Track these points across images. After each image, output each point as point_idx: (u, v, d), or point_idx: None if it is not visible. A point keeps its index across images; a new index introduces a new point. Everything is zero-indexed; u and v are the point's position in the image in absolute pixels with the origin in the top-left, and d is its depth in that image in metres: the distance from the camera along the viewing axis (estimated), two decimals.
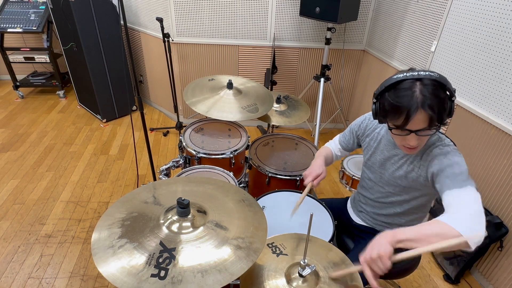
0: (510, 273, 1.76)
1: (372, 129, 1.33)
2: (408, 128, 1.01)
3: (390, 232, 0.92)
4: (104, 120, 3.52)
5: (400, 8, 2.59)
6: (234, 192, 1.11)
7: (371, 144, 1.32)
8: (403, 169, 1.20)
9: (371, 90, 3.12)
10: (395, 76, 1.02)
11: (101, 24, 3.10)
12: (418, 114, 0.97)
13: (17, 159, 2.84)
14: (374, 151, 1.31)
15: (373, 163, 1.32)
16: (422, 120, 0.98)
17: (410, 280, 1.96)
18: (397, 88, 1.01)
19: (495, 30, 1.75)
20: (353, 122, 1.43)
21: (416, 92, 0.97)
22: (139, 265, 0.80)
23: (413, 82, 0.98)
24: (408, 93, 0.98)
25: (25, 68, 4.32)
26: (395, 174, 1.24)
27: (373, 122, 1.33)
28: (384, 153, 1.27)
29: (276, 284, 0.93)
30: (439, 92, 0.97)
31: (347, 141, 1.46)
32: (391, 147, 1.24)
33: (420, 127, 1.00)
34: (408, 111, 0.97)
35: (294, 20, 3.00)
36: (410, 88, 0.98)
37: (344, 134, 1.48)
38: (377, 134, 1.30)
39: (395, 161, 1.23)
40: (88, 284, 1.83)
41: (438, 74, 0.98)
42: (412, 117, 0.97)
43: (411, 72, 1.00)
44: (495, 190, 1.82)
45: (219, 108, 1.81)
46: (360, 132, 1.38)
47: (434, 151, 1.10)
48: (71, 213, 2.31)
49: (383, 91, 1.04)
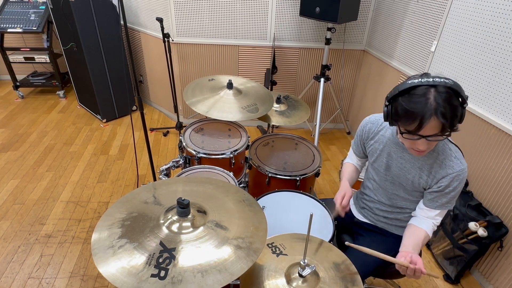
0: (510, 273, 1.76)
1: (376, 132, 1.32)
2: (420, 134, 1.01)
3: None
4: (104, 120, 3.52)
5: (400, 8, 2.59)
6: (234, 192, 1.11)
7: (376, 146, 1.31)
8: (411, 173, 1.21)
9: (371, 90, 3.12)
10: (409, 81, 1.02)
11: (101, 24, 3.10)
12: (431, 121, 0.97)
13: (17, 159, 2.84)
14: (380, 153, 1.30)
15: (379, 165, 1.32)
16: (434, 127, 0.99)
17: (410, 280, 1.96)
18: (411, 94, 1.00)
19: (495, 30, 1.75)
20: (358, 128, 1.41)
21: (430, 99, 0.97)
22: (139, 265, 0.80)
23: (428, 88, 0.98)
24: (422, 99, 0.97)
25: (25, 68, 4.32)
26: (401, 178, 1.25)
27: (376, 124, 1.32)
28: (390, 155, 1.27)
29: (276, 284, 0.93)
30: (452, 99, 0.97)
31: (358, 148, 1.44)
32: (397, 150, 1.24)
33: (431, 133, 1.00)
34: (422, 118, 0.97)
35: (294, 20, 3.00)
36: (424, 94, 0.97)
37: (354, 142, 1.46)
38: (382, 137, 1.29)
39: (401, 164, 1.23)
40: (88, 284, 1.83)
41: (452, 81, 0.98)
42: (425, 124, 0.98)
43: (426, 77, 1.00)
44: (495, 190, 1.82)
45: (219, 108, 1.81)
46: (365, 136, 1.36)
47: (448, 165, 1.13)
48: (71, 213, 2.31)
49: (396, 95, 1.04)
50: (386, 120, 1.10)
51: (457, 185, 1.14)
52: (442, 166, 1.13)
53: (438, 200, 1.18)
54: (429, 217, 1.21)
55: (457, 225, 1.91)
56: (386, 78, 2.85)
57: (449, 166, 1.12)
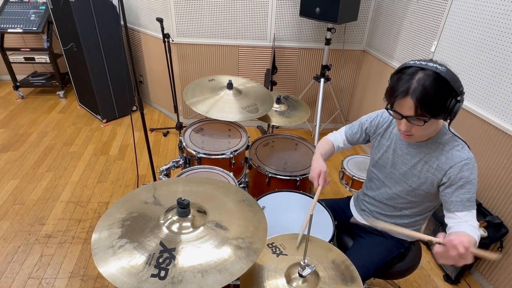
0: (510, 273, 1.76)
1: (385, 128, 1.31)
2: (398, 111, 1.05)
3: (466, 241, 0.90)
4: (104, 120, 3.52)
5: (400, 8, 2.59)
6: (234, 192, 1.11)
7: (383, 142, 1.31)
8: (416, 168, 1.20)
9: (371, 90, 3.12)
10: (411, 62, 1.05)
11: (101, 24, 3.10)
12: (405, 100, 1.01)
13: (17, 159, 2.84)
14: (387, 149, 1.30)
15: (384, 162, 1.31)
16: (409, 107, 1.01)
17: (410, 280, 1.96)
18: (402, 72, 1.04)
19: (495, 30, 1.75)
20: (364, 117, 1.40)
21: (414, 79, 1.00)
22: (139, 265, 0.80)
23: (417, 70, 1.01)
24: (406, 78, 1.01)
25: (25, 69, 4.32)
26: (407, 174, 1.23)
27: (385, 120, 1.31)
28: (397, 151, 1.26)
29: (276, 284, 0.93)
30: (436, 85, 0.98)
31: (353, 134, 1.42)
32: (403, 146, 1.24)
33: (408, 114, 1.03)
34: (398, 94, 1.01)
35: (294, 20, 3.00)
36: (411, 74, 1.01)
37: (352, 127, 1.43)
38: (390, 133, 1.29)
39: (407, 160, 1.23)
40: (88, 284, 1.83)
41: (445, 69, 0.98)
42: (397, 100, 1.03)
43: (424, 61, 1.02)
44: (495, 190, 1.82)
45: (219, 108, 1.81)
46: (372, 129, 1.35)
47: (455, 155, 1.11)
48: (71, 213, 2.31)
49: (394, 73, 1.08)
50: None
51: (469, 174, 1.08)
52: (448, 156, 1.12)
53: (456, 197, 1.09)
54: (461, 221, 1.08)
55: None
56: (386, 78, 2.84)
57: (456, 155, 1.11)
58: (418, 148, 1.19)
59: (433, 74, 0.98)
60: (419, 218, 1.32)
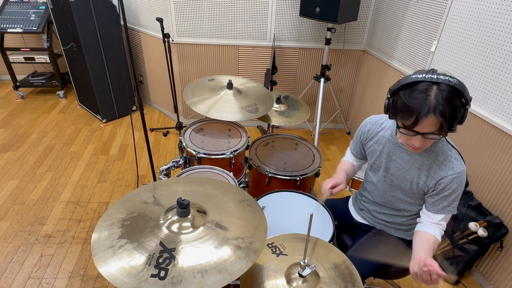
0: (510, 273, 1.76)
1: (376, 133, 1.31)
2: (416, 130, 1.01)
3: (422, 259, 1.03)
4: (104, 120, 3.52)
5: (400, 8, 2.59)
6: (234, 192, 1.11)
7: (376, 147, 1.31)
8: (409, 174, 1.21)
9: (371, 90, 3.12)
10: (413, 76, 1.00)
11: (101, 24, 3.10)
12: (428, 119, 0.96)
13: (17, 159, 2.84)
14: (379, 154, 1.30)
15: (378, 166, 1.32)
16: (432, 125, 0.98)
17: (410, 280, 1.96)
18: (413, 89, 0.99)
19: (495, 30, 1.75)
20: (357, 129, 1.41)
21: (431, 96, 0.96)
22: (139, 265, 0.80)
23: (430, 85, 0.97)
24: (422, 95, 0.96)
25: (25, 68, 4.32)
26: (399, 179, 1.24)
27: (376, 125, 1.31)
28: (389, 156, 1.26)
29: (276, 284, 0.93)
30: (454, 99, 0.96)
31: (356, 149, 1.44)
32: (396, 151, 1.24)
33: (428, 131, 1.00)
34: (419, 113, 0.96)
35: (294, 20, 3.00)
36: (426, 91, 0.96)
37: (353, 142, 1.45)
38: (382, 138, 1.29)
39: (400, 165, 1.23)
40: (88, 284, 1.83)
41: (457, 81, 0.96)
42: (421, 121, 0.97)
43: (431, 74, 0.98)
44: (495, 190, 1.82)
45: (219, 108, 1.81)
46: (364, 136, 1.36)
47: (448, 166, 1.12)
48: (71, 213, 2.30)
49: (399, 88, 1.03)
50: (386, 113, 1.10)
51: (457, 187, 1.12)
52: (441, 167, 1.13)
53: (439, 204, 1.17)
54: (433, 222, 1.18)
55: (457, 225, 1.91)
56: (386, 78, 2.84)
57: (449, 167, 1.11)
58: (412, 155, 1.19)
59: (449, 88, 0.96)
60: (416, 216, 1.32)
